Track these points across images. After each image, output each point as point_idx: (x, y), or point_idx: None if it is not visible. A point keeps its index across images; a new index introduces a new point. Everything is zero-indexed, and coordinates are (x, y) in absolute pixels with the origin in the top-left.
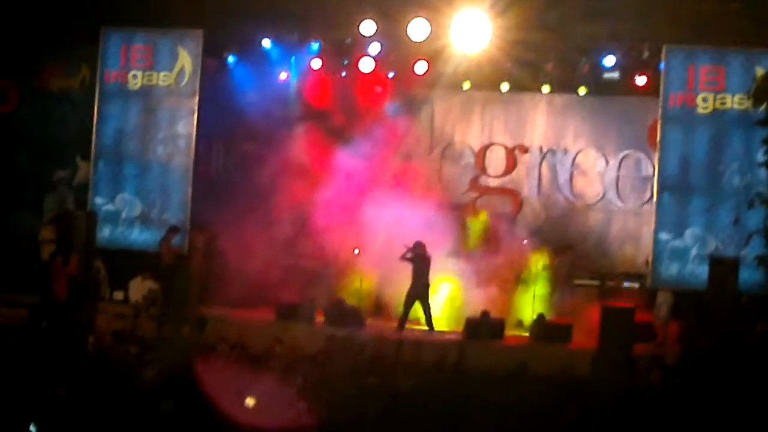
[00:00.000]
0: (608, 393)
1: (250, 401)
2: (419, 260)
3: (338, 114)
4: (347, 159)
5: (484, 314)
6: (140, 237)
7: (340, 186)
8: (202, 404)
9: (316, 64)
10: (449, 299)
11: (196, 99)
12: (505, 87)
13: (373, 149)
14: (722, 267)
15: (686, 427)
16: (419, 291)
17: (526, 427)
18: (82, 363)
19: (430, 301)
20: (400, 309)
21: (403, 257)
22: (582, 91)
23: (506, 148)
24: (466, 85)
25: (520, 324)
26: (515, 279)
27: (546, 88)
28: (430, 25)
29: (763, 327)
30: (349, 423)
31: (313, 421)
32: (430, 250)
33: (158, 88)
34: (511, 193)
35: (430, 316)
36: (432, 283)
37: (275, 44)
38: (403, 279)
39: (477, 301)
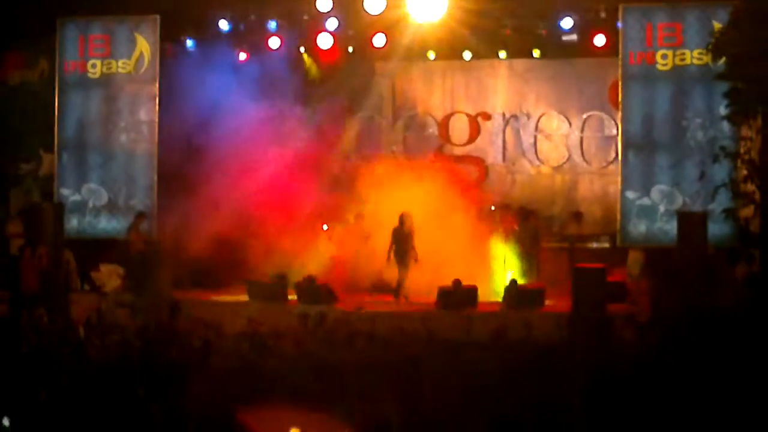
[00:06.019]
0: (584, 354)
1: None
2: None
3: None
4: (310, 134)
5: (456, 283)
6: (108, 225)
7: (305, 162)
8: (179, 391)
9: (275, 43)
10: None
11: (157, 85)
12: (467, 55)
13: (336, 122)
14: (691, 222)
15: (662, 383)
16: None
17: (503, 390)
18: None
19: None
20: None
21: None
22: (536, 53)
23: (469, 115)
24: (432, 55)
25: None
26: (486, 246)
27: (503, 54)
28: None
29: (744, 271)
30: (328, 395)
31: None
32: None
33: (118, 75)
34: (476, 161)
35: (402, 283)
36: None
37: (232, 25)
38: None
39: (448, 270)
